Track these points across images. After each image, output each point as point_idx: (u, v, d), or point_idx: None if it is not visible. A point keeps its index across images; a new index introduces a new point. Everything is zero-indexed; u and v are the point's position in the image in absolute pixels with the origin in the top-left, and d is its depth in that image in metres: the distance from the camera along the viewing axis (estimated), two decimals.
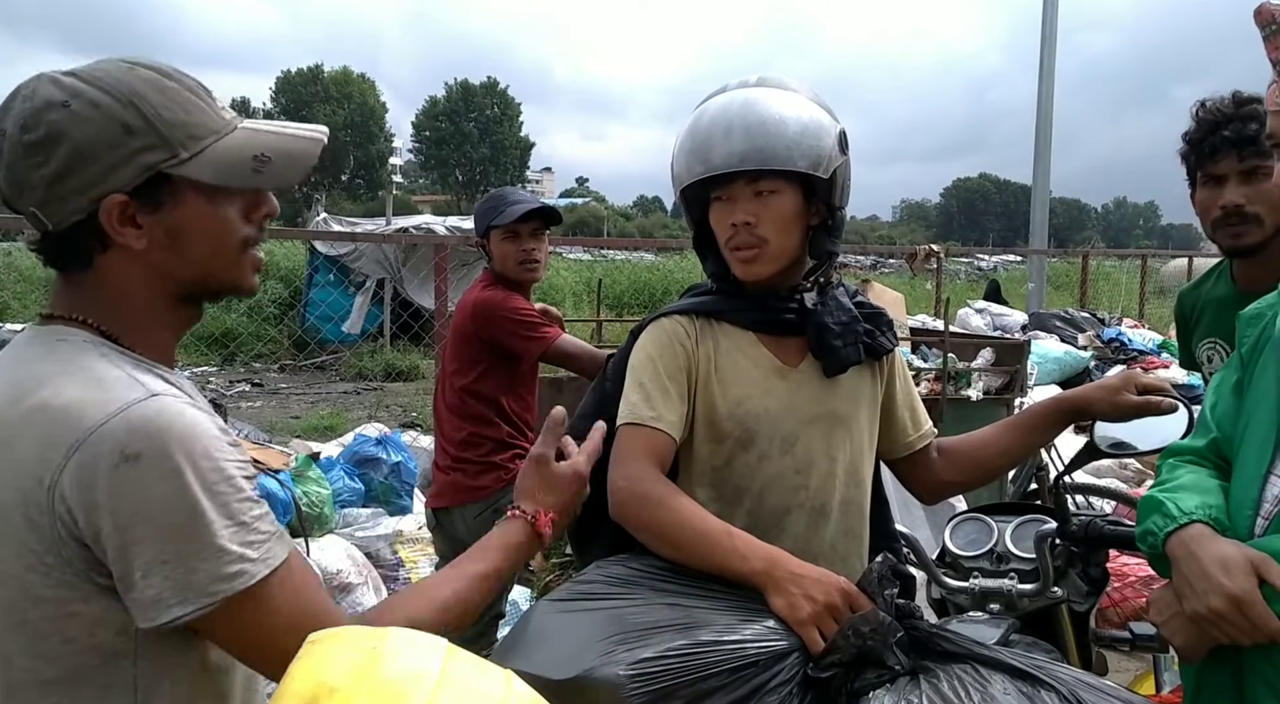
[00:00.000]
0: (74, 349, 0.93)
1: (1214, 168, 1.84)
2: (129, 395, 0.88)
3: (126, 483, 0.84)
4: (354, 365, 11.00)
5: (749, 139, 1.38)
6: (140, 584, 0.86)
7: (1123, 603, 3.65)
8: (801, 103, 1.43)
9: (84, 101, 0.92)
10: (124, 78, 0.94)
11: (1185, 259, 14.13)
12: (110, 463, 0.84)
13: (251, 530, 0.90)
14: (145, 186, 0.94)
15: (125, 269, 0.97)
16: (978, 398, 4.13)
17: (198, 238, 0.98)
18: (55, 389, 0.88)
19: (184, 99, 0.96)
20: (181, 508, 0.86)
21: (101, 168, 0.92)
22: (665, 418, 1.42)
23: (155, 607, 0.86)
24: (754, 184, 1.41)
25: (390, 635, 0.75)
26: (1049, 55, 11.15)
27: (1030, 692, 1.06)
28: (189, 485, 0.86)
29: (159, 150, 0.93)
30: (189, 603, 0.86)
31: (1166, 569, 1.22)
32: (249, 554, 0.89)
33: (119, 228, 0.94)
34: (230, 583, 0.87)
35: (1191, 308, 2.12)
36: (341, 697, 0.66)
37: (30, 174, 0.92)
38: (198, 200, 0.97)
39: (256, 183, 0.99)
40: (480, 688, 0.72)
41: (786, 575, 1.23)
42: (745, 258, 1.45)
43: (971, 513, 1.77)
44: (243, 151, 0.98)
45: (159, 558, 0.85)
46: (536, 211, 2.72)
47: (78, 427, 0.86)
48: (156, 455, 0.85)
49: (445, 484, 2.77)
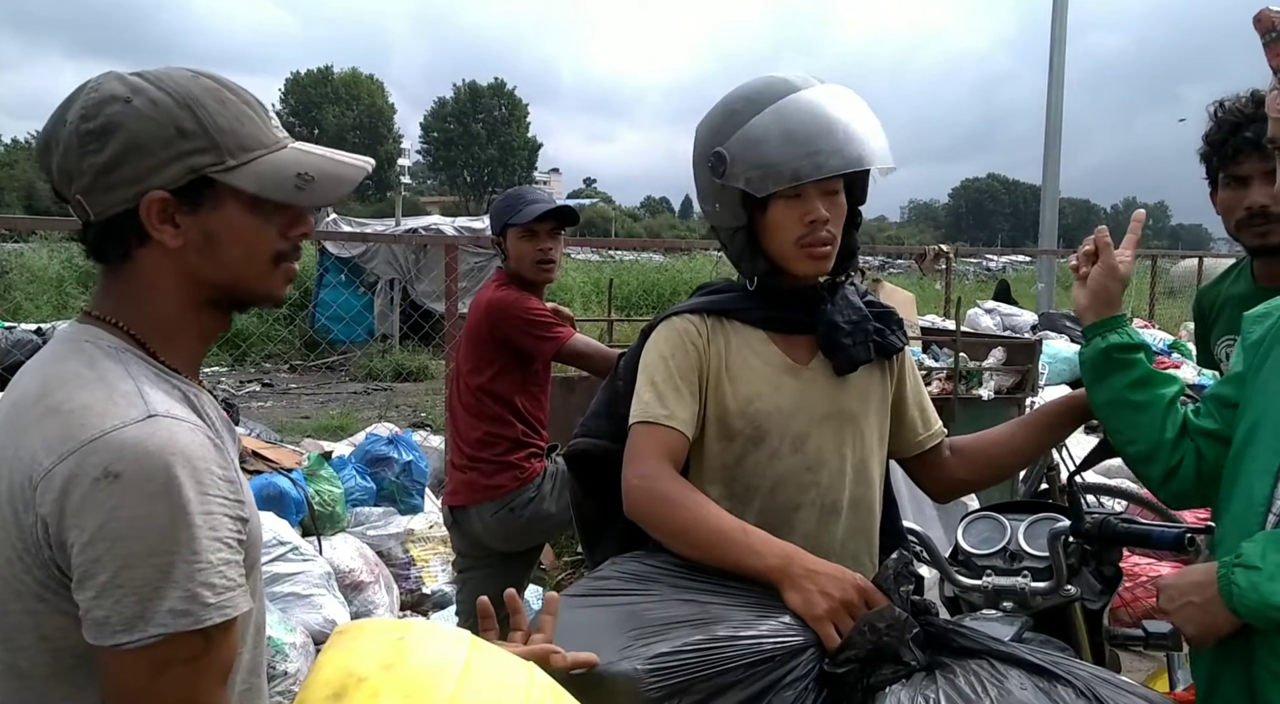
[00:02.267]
0: (98, 353, 0.96)
1: (1237, 169, 1.84)
2: (128, 413, 0.89)
3: (101, 499, 0.85)
4: (364, 366, 11.03)
5: (875, 136, 1.39)
6: (90, 602, 0.85)
7: (1134, 603, 3.65)
8: None
9: (145, 99, 0.95)
10: (186, 83, 0.98)
11: (1195, 259, 14.06)
12: (92, 477, 0.85)
13: (215, 572, 0.88)
14: (188, 188, 0.97)
15: (159, 267, 0.99)
16: (989, 397, 4.13)
17: (231, 244, 1.00)
18: (67, 393, 0.91)
19: (239, 111, 1.00)
20: (148, 535, 0.85)
21: (151, 163, 0.95)
22: (678, 416, 1.43)
23: (101, 628, 0.85)
24: (833, 182, 1.42)
25: (415, 627, 0.76)
26: (1058, 55, 11.12)
27: (1047, 687, 1.07)
28: (161, 513, 0.85)
29: (208, 154, 0.96)
30: (135, 631, 0.85)
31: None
32: (205, 596, 0.87)
33: (157, 224, 0.97)
34: (177, 620, 0.85)
35: (1211, 305, 2.12)
36: (369, 686, 0.68)
37: (82, 161, 0.95)
38: (236, 208, 0.99)
39: (296, 199, 1.01)
40: (504, 678, 0.73)
41: (802, 571, 1.24)
42: (821, 254, 1.44)
43: (984, 511, 1.78)
44: (288, 168, 1.01)
45: (114, 581, 0.84)
46: (554, 212, 2.73)
47: (74, 435, 0.87)
48: (137, 478, 0.85)
49: (461, 483, 2.78)
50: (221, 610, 0.88)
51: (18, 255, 12.86)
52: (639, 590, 1.25)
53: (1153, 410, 1.42)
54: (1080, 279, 1.51)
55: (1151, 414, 1.42)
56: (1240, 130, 1.80)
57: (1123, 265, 1.50)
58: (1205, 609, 1.22)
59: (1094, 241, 1.51)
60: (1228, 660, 1.23)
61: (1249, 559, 1.17)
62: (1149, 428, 1.42)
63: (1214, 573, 1.22)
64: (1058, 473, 3.21)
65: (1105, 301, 1.48)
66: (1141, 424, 1.43)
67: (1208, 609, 1.22)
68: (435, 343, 10.18)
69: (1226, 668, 1.24)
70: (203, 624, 0.86)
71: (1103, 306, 1.48)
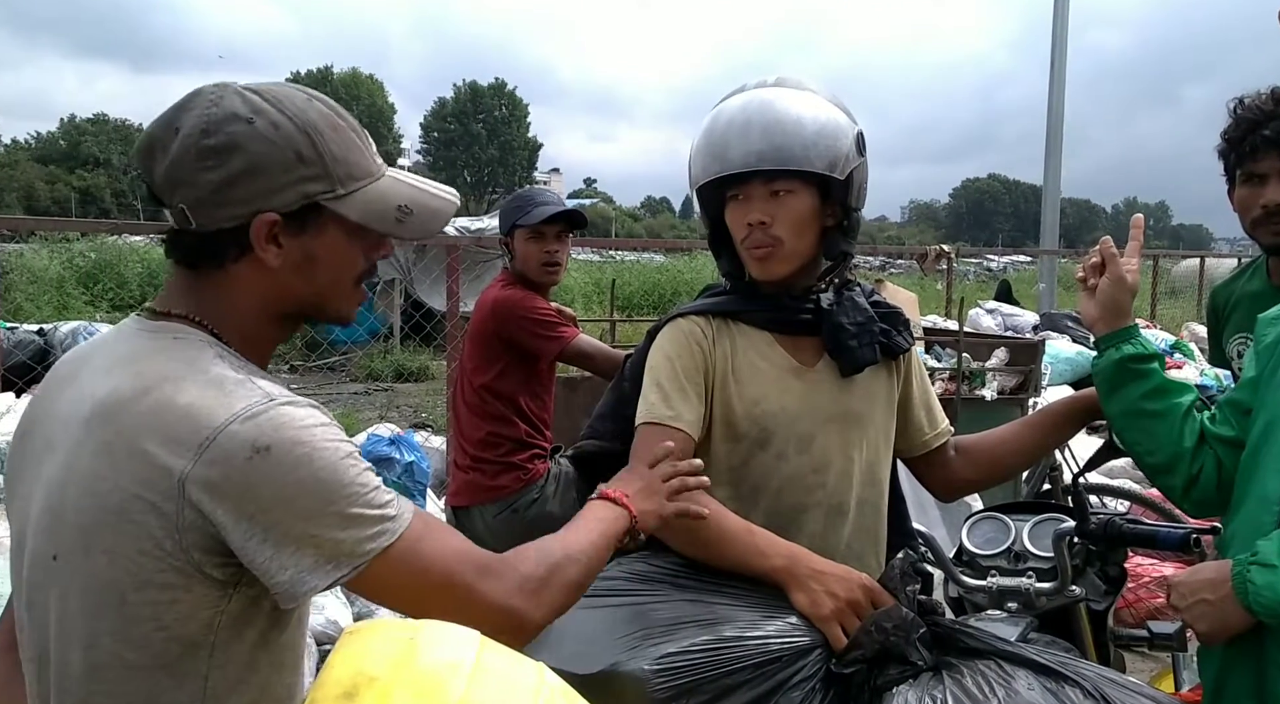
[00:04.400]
0: (192, 349, 0.98)
1: (1255, 166, 1.84)
2: (250, 397, 0.93)
3: (263, 473, 0.90)
4: (365, 366, 11.03)
5: (766, 138, 1.39)
6: (294, 558, 0.91)
7: (1136, 604, 3.65)
8: (819, 103, 1.44)
9: (266, 121, 0.97)
10: (305, 107, 1.00)
11: (1197, 259, 14.06)
12: (243, 457, 0.89)
13: (382, 492, 0.96)
14: (298, 212, 1.00)
15: (253, 280, 1.02)
16: (992, 397, 4.13)
17: (326, 267, 1.04)
18: (179, 386, 0.93)
19: (349, 139, 1.02)
20: (316, 488, 0.91)
21: (268, 186, 0.97)
22: (683, 417, 1.43)
23: (314, 574, 0.92)
24: (770, 184, 1.42)
25: (426, 627, 0.76)
26: (1060, 54, 11.12)
27: (1054, 688, 1.07)
28: (320, 467, 0.92)
29: (321, 181, 0.99)
30: (344, 566, 0.92)
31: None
32: (387, 512, 0.95)
33: (264, 244, 0.99)
34: (375, 542, 0.93)
35: (1225, 303, 2.12)
36: (380, 686, 0.68)
37: (198, 175, 0.96)
38: (337, 234, 1.03)
39: (396, 231, 1.05)
40: (514, 678, 0.74)
41: (808, 572, 1.24)
42: (760, 257, 1.45)
43: (989, 512, 1.78)
44: (390, 200, 1.04)
45: (307, 532, 0.91)
46: (562, 214, 2.73)
47: (208, 424, 0.90)
48: (285, 445, 0.91)
49: (464, 483, 2.78)
50: (402, 520, 0.96)
51: (18, 256, 12.86)
52: (645, 591, 1.25)
53: (1170, 419, 1.42)
54: (1089, 291, 1.50)
55: (1169, 423, 1.42)
56: (1259, 128, 1.79)
57: (1130, 274, 1.48)
58: (1218, 607, 1.22)
59: (1099, 252, 1.49)
60: (1238, 659, 1.23)
61: (1265, 557, 1.17)
62: (1167, 438, 1.42)
63: (1227, 571, 1.22)
64: (1060, 473, 3.21)
65: (1116, 312, 1.47)
66: (1159, 434, 1.43)
67: (1220, 607, 1.22)
68: (436, 343, 10.18)
69: (1236, 666, 1.24)
70: (396, 534, 0.95)
71: (1114, 317, 1.47)
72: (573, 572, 1.06)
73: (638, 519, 1.18)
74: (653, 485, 1.23)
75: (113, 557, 0.92)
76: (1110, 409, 1.49)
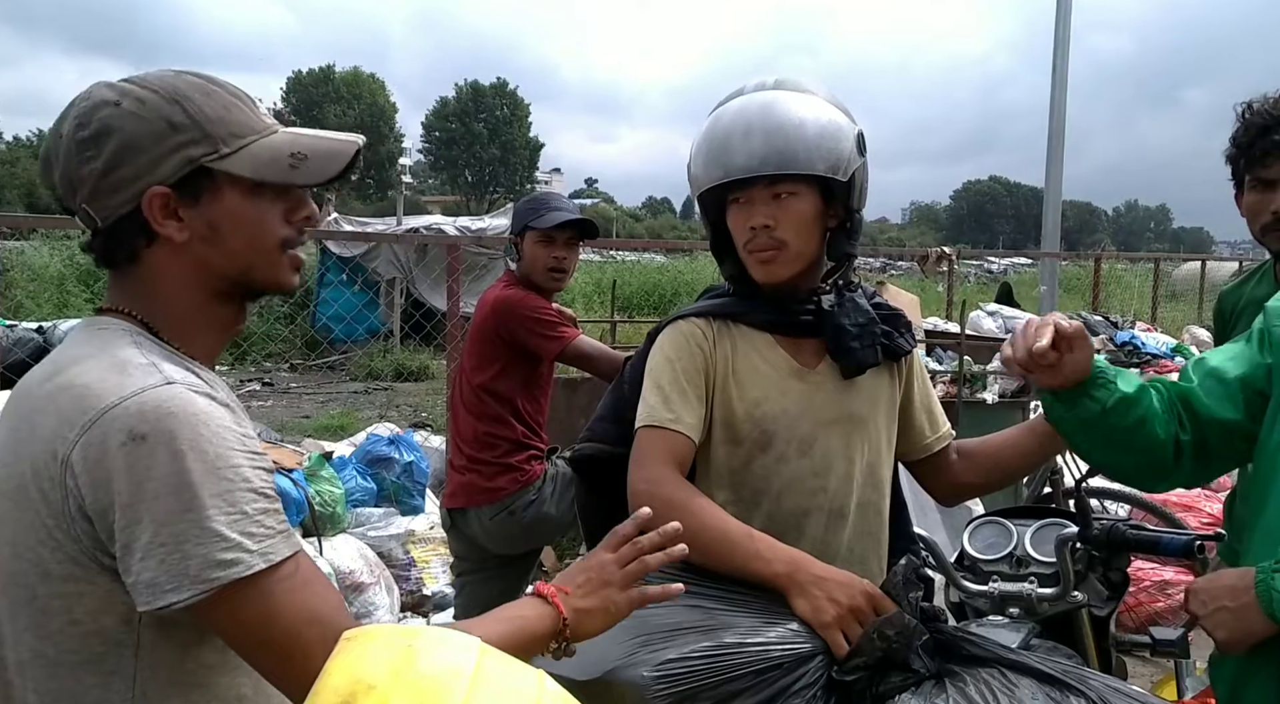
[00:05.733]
0: (110, 336, 0.97)
1: (1264, 172, 1.82)
2: (145, 381, 0.90)
3: (131, 462, 0.86)
4: (365, 365, 11.03)
5: (768, 142, 1.38)
6: (138, 566, 0.87)
7: (1137, 608, 3.64)
8: (820, 105, 1.43)
9: (132, 99, 0.97)
10: (171, 80, 1.00)
11: (1198, 262, 14.06)
12: (118, 441, 0.87)
13: (253, 522, 0.89)
14: (187, 180, 0.98)
15: (168, 263, 1.01)
16: (993, 401, 4.13)
17: (235, 232, 1.01)
18: (81, 369, 0.92)
19: (227, 101, 1.01)
20: (182, 491, 0.87)
21: (147, 160, 0.96)
22: (684, 420, 1.42)
23: (151, 590, 0.87)
24: (772, 187, 1.41)
25: (424, 633, 0.75)
26: (1061, 57, 11.10)
27: (1059, 697, 1.06)
28: (190, 469, 0.87)
29: (201, 145, 0.98)
30: (184, 589, 0.86)
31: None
32: (247, 544, 0.88)
33: (161, 219, 0.98)
34: (226, 571, 0.87)
35: (1233, 307, 2.11)
36: (379, 693, 0.67)
37: (81, 169, 0.97)
38: (236, 196, 1.00)
39: (291, 178, 1.02)
40: (514, 685, 0.73)
41: (809, 578, 1.23)
42: (763, 259, 1.44)
43: (990, 516, 1.77)
44: (280, 149, 1.02)
45: (157, 540, 0.86)
46: (574, 222, 2.73)
47: (94, 405, 0.88)
48: (162, 438, 0.87)
49: (460, 484, 2.77)
50: (265, 556, 0.89)
51: (19, 253, 12.86)
52: None
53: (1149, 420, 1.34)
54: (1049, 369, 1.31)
55: (1150, 424, 1.34)
56: (1268, 133, 1.78)
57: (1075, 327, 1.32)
58: (1239, 614, 1.20)
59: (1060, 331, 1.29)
60: (1257, 668, 1.21)
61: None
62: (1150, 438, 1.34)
63: (1249, 578, 1.20)
64: (1062, 477, 3.21)
65: (1083, 369, 1.32)
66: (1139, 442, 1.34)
67: (1242, 615, 1.20)
68: (436, 343, 10.18)
69: (1255, 676, 1.22)
70: (252, 570, 0.88)
71: (1081, 374, 1.33)
72: None
73: (569, 622, 1.03)
74: (605, 575, 1.07)
75: (15, 548, 0.91)
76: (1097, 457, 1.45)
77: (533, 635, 1.01)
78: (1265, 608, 1.17)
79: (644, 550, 1.09)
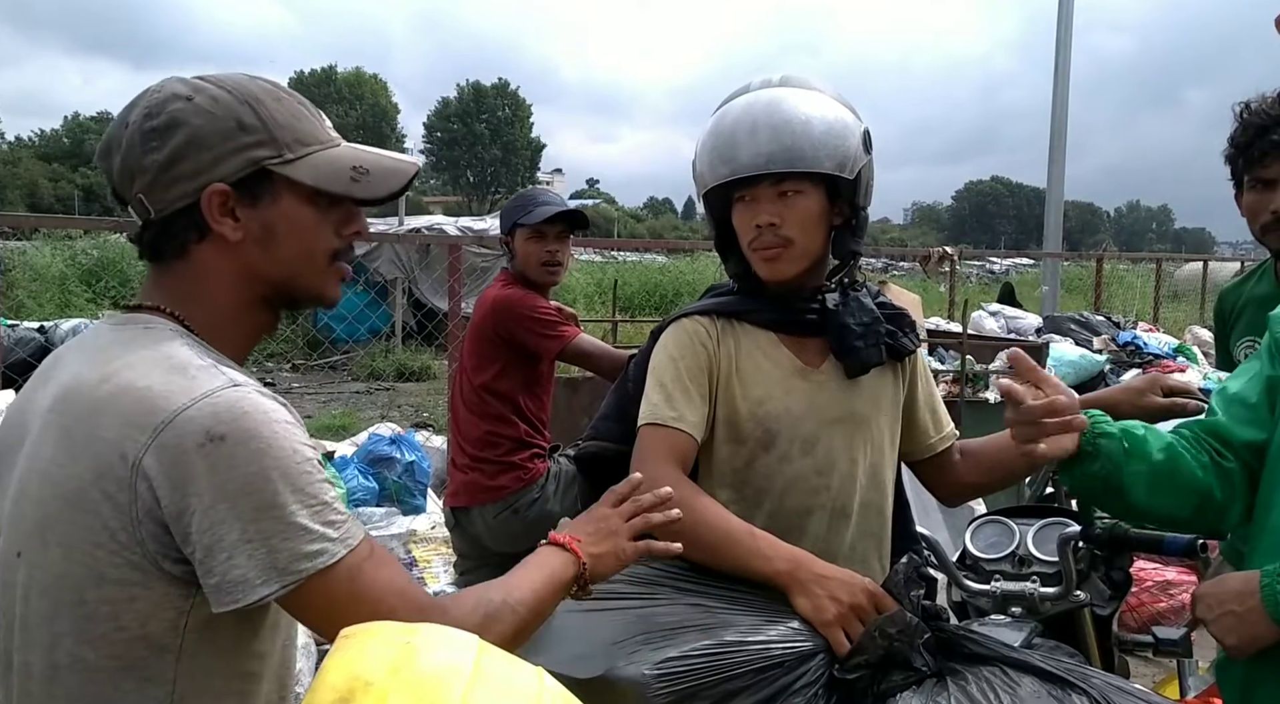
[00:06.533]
0: (160, 336, 0.97)
1: (1263, 172, 1.82)
2: (213, 382, 0.91)
3: (212, 462, 0.87)
4: (366, 365, 11.03)
5: (775, 140, 1.37)
6: (224, 566, 0.87)
7: (1139, 608, 3.63)
8: (826, 102, 1.42)
9: (205, 96, 0.98)
10: (245, 83, 1.02)
11: (1200, 263, 14.05)
12: (196, 442, 0.87)
13: (331, 510, 0.92)
14: (248, 181, 0.99)
15: (218, 261, 1.01)
16: (995, 400, 4.11)
17: (289, 238, 1.02)
18: (141, 372, 0.91)
19: (295, 109, 1.03)
20: (265, 488, 0.88)
21: (211, 157, 0.97)
22: (686, 418, 1.41)
23: (241, 587, 0.88)
24: (778, 185, 1.41)
25: (423, 630, 0.75)
26: (1063, 57, 11.10)
27: (1060, 695, 1.05)
28: (271, 466, 0.88)
29: (266, 147, 0.99)
30: (273, 582, 0.88)
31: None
32: (330, 533, 0.91)
33: (218, 217, 0.98)
34: (313, 561, 0.90)
35: (1232, 307, 2.10)
36: (377, 691, 0.67)
37: (144, 158, 0.97)
38: (294, 202, 1.01)
39: (351, 191, 1.03)
40: (513, 682, 0.72)
41: (811, 577, 1.23)
42: (769, 258, 1.44)
43: (992, 516, 1.77)
44: (343, 162, 1.03)
45: (244, 537, 0.87)
46: (563, 215, 2.73)
47: (164, 408, 0.88)
48: (240, 437, 0.88)
49: (463, 483, 2.77)
50: (346, 542, 0.92)
51: (21, 253, 12.87)
52: (646, 594, 1.24)
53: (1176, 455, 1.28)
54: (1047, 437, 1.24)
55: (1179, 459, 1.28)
56: (1267, 133, 1.77)
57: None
58: (1246, 619, 1.19)
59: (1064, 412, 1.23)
60: (1267, 673, 1.19)
61: None
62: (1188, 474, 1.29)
63: (1255, 582, 1.19)
64: None
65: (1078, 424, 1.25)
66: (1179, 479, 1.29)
67: (1248, 619, 1.19)
68: (438, 343, 10.18)
69: (1264, 681, 1.20)
70: (336, 557, 0.91)
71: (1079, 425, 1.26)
72: (509, 622, 1.00)
73: (587, 566, 1.10)
74: (610, 526, 1.15)
75: (68, 550, 0.90)
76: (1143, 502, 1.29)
77: (561, 581, 1.08)
78: (1271, 613, 1.16)
79: (643, 507, 1.17)
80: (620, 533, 1.15)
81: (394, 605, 0.93)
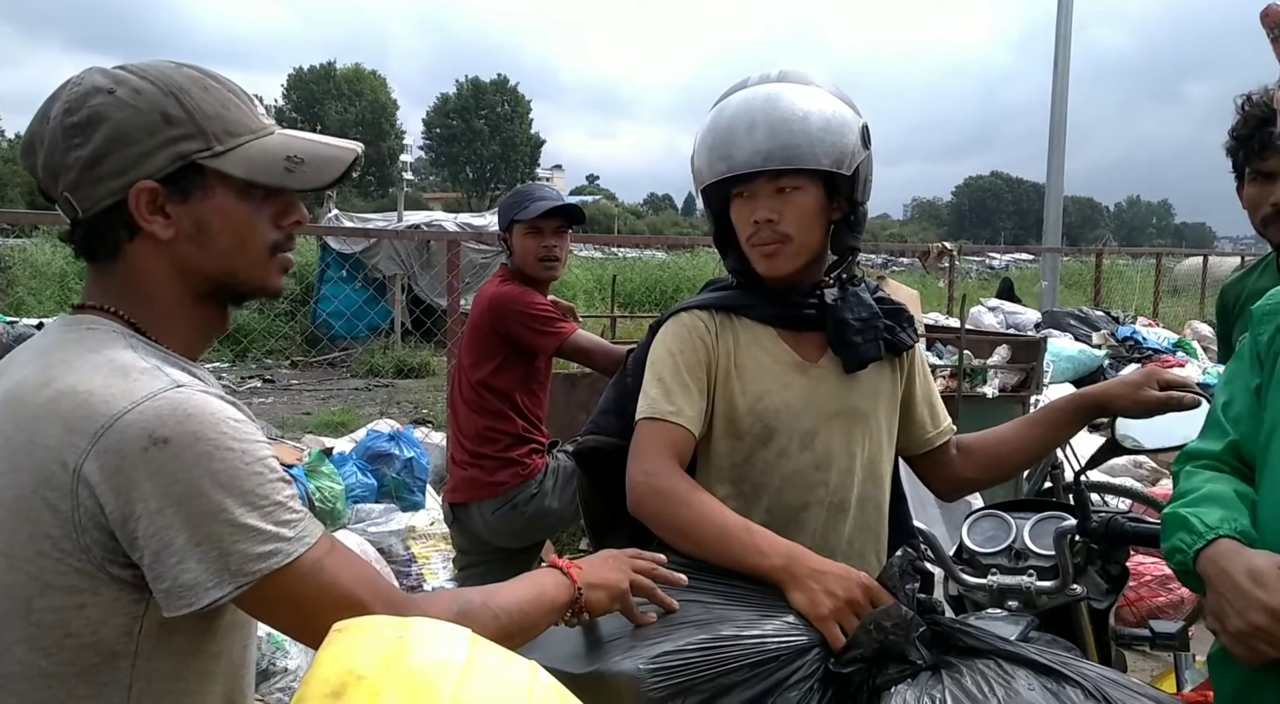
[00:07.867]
0: (102, 338, 0.94)
1: (1264, 164, 1.82)
2: (155, 385, 0.88)
3: (156, 467, 0.85)
4: (365, 362, 11.03)
5: (772, 136, 1.37)
6: (174, 570, 0.85)
7: (1138, 602, 3.63)
8: (824, 98, 1.42)
9: (128, 89, 0.94)
10: (169, 72, 0.97)
11: (1200, 258, 14.03)
12: (139, 447, 0.84)
13: (285, 509, 0.90)
14: (177, 176, 0.95)
15: (151, 260, 0.98)
16: (993, 395, 4.12)
17: (223, 232, 0.98)
18: (81, 375, 0.89)
19: (224, 97, 0.98)
20: (212, 491, 0.86)
21: (137, 153, 0.93)
22: (684, 413, 1.41)
23: (193, 591, 0.86)
24: (776, 181, 1.40)
25: (416, 625, 0.75)
26: (1063, 52, 11.08)
27: (1055, 688, 1.05)
28: (219, 469, 0.86)
29: (194, 141, 0.95)
30: (226, 584, 0.86)
31: (1198, 585, 1.17)
32: (284, 532, 0.89)
33: (147, 215, 0.95)
34: (267, 562, 0.87)
35: (1234, 300, 2.10)
36: (369, 684, 0.67)
37: (67, 156, 0.93)
38: (227, 195, 0.97)
39: (286, 182, 0.99)
40: (506, 677, 0.72)
41: (806, 571, 1.23)
42: (767, 254, 1.44)
43: (989, 510, 1.76)
44: (276, 152, 0.99)
45: (192, 541, 0.85)
46: (560, 209, 2.72)
47: (104, 412, 0.86)
48: (185, 440, 0.85)
49: (462, 480, 2.77)
50: (303, 541, 0.90)
51: (21, 250, 12.86)
52: None
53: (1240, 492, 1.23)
54: None
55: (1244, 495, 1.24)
56: (1267, 125, 1.77)
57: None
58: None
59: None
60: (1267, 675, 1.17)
61: None
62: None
63: None
64: (1061, 471, 3.20)
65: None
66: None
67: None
68: (437, 339, 10.18)
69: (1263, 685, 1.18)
70: (293, 557, 0.89)
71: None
72: (487, 625, 0.97)
73: (583, 592, 1.10)
74: (615, 565, 1.16)
75: (10, 559, 0.87)
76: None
77: (552, 602, 1.07)
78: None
79: (658, 566, 1.20)
80: (624, 568, 1.15)
81: (363, 598, 0.92)
